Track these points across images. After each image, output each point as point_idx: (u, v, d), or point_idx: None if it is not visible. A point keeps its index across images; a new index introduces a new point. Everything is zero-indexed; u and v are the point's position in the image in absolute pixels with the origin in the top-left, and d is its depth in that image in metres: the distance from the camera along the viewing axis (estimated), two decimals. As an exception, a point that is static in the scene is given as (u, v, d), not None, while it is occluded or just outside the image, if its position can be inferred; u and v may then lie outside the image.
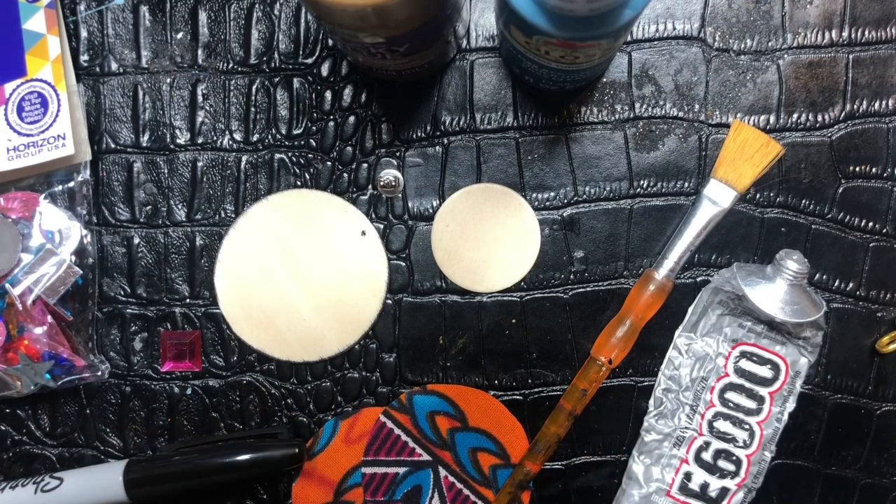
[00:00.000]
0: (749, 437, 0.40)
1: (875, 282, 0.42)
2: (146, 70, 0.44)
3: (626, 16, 0.32)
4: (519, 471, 0.41)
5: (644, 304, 0.40)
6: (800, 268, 0.39)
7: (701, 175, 0.42)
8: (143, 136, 0.44)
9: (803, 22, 0.42)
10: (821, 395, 0.42)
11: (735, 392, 0.41)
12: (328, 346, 0.43)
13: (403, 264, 0.43)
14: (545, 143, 0.43)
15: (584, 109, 0.43)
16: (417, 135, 0.43)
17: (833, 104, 0.42)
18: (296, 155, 0.43)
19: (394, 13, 0.32)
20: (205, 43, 0.44)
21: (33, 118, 0.42)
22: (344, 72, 0.43)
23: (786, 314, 0.38)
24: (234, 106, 0.44)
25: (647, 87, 0.42)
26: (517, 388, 0.43)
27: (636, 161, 0.42)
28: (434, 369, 0.43)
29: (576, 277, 0.42)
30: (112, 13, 0.44)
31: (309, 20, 0.44)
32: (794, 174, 0.42)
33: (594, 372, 0.40)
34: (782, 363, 0.41)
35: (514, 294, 0.43)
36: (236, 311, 0.43)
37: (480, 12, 0.43)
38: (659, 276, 0.41)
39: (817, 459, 0.42)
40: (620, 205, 0.42)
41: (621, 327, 0.40)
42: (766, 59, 0.42)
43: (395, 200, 0.43)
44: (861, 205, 0.42)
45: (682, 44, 0.42)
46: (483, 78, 0.43)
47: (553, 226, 0.43)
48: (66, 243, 0.43)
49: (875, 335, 0.42)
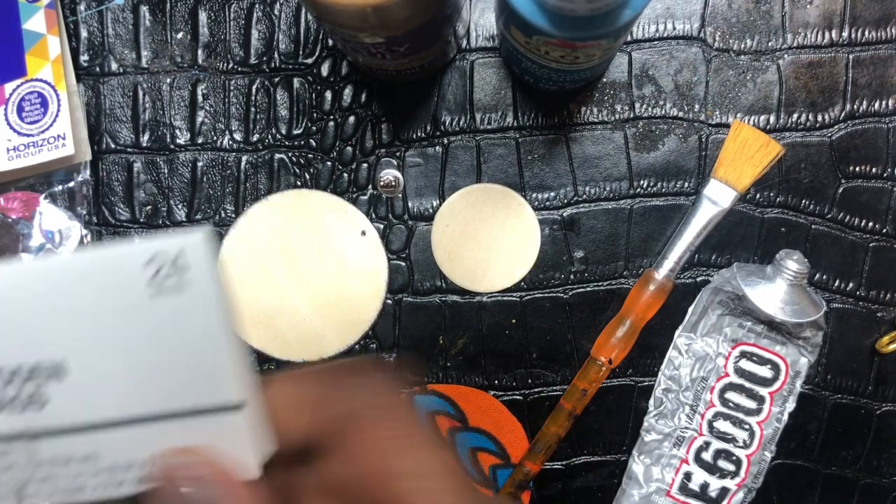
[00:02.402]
0: (749, 437, 0.40)
1: (875, 282, 0.42)
2: (146, 70, 0.44)
3: (626, 16, 0.32)
4: (519, 471, 0.41)
5: (644, 304, 0.40)
6: (800, 268, 0.39)
7: (701, 175, 0.42)
8: (143, 136, 0.44)
9: (803, 22, 0.42)
10: (821, 395, 0.42)
11: (735, 392, 0.41)
12: (328, 346, 0.43)
13: (403, 264, 0.43)
14: (545, 143, 0.43)
15: (584, 109, 0.42)
16: (417, 135, 0.43)
17: (833, 104, 0.42)
18: (296, 155, 0.43)
19: (394, 13, 0.32)
20: (205, 43, 0.44)
21: (33, 118, 0.42)
22: (344, 72, 0.43)
23: (786, 314, 0.38)
24: (234, 106, 0.44)
25: (647, 87, 0.42)
26: (517, 388, 0.43)
27: (636, 161, 0.42)
28: (434, 369, 0.43)
29: (576, 277, 0.42)
30: (112, 13, 0.44)
31: (309, 20, 0.44)
32: (794, 174, 0.42)
33: (594, 372, 0.40)
34: (782, 363, 0.41)
35: (514, 294, 0.43)
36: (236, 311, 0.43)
37: (480, 12, 0.43)
38: (659, 276, 0.41)
39: (817, 459, 0.42)
40: (620, 205, 0.42)
41: (621, 327, 0.40)
42: (766, 59, 0.42)
43: (395, 200, 0.43)
44: (861, 205, 0.42)
45: (682, 44, 0.42)
46: (483, 78, 0.43)
47: (553, 226, 0.43)
48: (66, 243, 0.43)
49: (875, 335, 0.42)
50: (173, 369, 0.20)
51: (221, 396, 0.20)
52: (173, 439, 0.20)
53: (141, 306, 0.20)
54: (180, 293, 0.20)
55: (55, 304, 0.20)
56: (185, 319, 0.20)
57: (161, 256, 0.20)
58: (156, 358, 0.20)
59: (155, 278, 0.20)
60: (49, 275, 0.20)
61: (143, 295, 0.20)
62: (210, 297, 0.20)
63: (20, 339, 0.20)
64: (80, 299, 0.20)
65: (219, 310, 0.20)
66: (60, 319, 0.20)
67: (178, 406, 0.20)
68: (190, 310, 0.20)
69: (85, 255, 0.20)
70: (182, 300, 0.20)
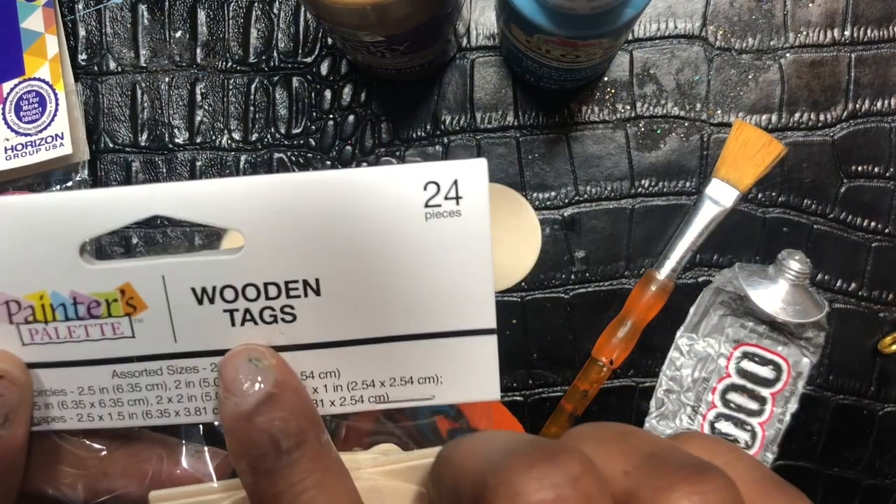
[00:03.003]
0: (751, 438, 0.40)
1: (877, 282, 0.42)
2: (145, 69, 0.44)
3: (627, 14, 0.31)
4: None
5: (645, 305, 0.40)
6: (802, 268, 0.38)
7: (702, 174, 0.42)
8: (141, 136, 0.44)
9: (805, 21, 0.42)
10: (823, 395, 0.42)
11: (737, 393, 0.40)
12: None
13: (403, 264, 0.43)
14: (546, 143, 0.42)
15: (585, 108, 0.42)
16: (417, 134, 0.43)
17: (835, 103, 0.42)
18: (295, 154, 0.43)
19: (393, 12, 0.31)
20: (203, 42, 0.44)
21: (31, 117, 0.42)
22: (343, 71, 0.43)
23: (788, 315, 0.38)
24: (233, 105, 0.43)
25: (648, 86, 0.42)
26: (518, 388, 0.42)
27: (637, 160, 0.42)
28: (434, 370, 0.43)
29: (577, 277, 0.42)
30: (110, 12, 0.44)
31: (308, 19, 0.43)
32: (796, 174, 0.42)
33: (595, 373, 0.40)
34: (784, 364, 0.40)
35: (515, 294, 0.42)
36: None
37: (481, 11, 0.43)
38: (660, 277, 0.40)
39: (819, 461, 0.42)
40: (622, 204, 0.42)
41: (622, 328, 0.40)
42: (767, 58, 0.42)
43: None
44: (863, 204, 0.42)
45: (683, 42, 0.42)
46: (483, 77, 0.43)
47: (554, 225, 0.42)
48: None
49: (877, 336, 0.42)
50: (436, 292, 0.20)
51: (480, 321, 0.21)
52: (423, 356, 0.21)
53: (415, 227, 0.20)
54: (456, 217, 0.20)
55: (324, 218, 0.20)
56: (458, 244, 0.20)
57: (442, 179, 0.20)
58: (420, 279, 0.20)
59: (433, 200, 0.20)
60: (323, 186, 0.20)
61: (419, 215, 0.20)
62: (484, 223, 0.20)
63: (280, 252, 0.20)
64: (351, 214, 0.20)
65: (488, 238, 0.20)
66: (325, 234, 0.20)
67: (436, 327, 0.21)
68: (463, 234, 0.20)
69: (365, 170, 0.20)
70: (457, 224, 0.20)
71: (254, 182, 0.20)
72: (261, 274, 0.20)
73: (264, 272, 0.20)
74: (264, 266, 0.20)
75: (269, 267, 0.20)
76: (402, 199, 0.20)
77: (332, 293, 0.20)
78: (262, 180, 0.20)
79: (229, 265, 0.20)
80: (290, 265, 0.20)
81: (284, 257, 0.20)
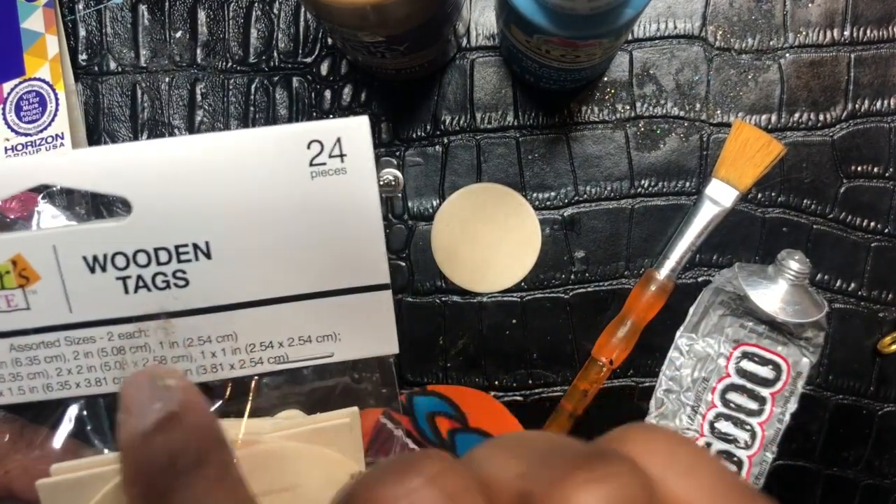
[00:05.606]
0: (750, 437, 0.40)
1: (877, 282, 0.42)
2: (145, 69, 0.44)
3: (627, 15, 0.31)
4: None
5: (645, 305, 0.40)
6: (801, 268, 0.38)
7: (702, 175, 0.42)
8: (141, 136, 0.44)
9: (805, 21, 0.42)
10: (822, 395, 0.42)
11: (736, 393, 0.40)
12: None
13: (403, 264, 0.43)
14: (546, 143, 0.42)
15: (584, 109, 0.42)
16: (417, 134, 0.43)
17: (835, 103, 0.42)
18: (295, 154, 0.43)
19: (393, 12, 0.31)
20: (204, 42, 0.44)
21: (31, 117, 0.42)
22: (343, 71, 0.43)
23: (787, 314, 0.38)
24: (233, 105, 0.43)
25: (648, 87, 0.42)
26: (517, 388, 0.42)
27: (637, 160, 0.42)
28: (434, 370, 0.43)
29: (576, 277, 0.42)
30: (111, 12, 0.44)
31: (308, 19, 0.43)
32: (796, 174, 0.42)
33: (595, 372, 0.40)
34: (784, 364, 0.40)
35: (515, 294, 0.42)
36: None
37: (481, 11, 0.43)
38: (660, 277, 0.40)
39: (819, 460, 0.42)
40: (621, 204, 0.42)
41: (622, 328, 0.40)
42: (767, 58, 0.42)
43: (395, 200, 0.43)
44: (863, 205, 0.42)
45: (683, 43, 0.42)
46: (483, 77, 0.43)
47: (554, 225, 0.42)
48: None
49: (877, 336, 0.42)
50: (327, 250, 0.20)
51: (373, 277, 0.21)
52: (320, 315, 0.21)
53: (302, 186, 0.20)
54: (341, 175, 0.20)
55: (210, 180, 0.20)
56: (345, 201, 0.20)
57: (325, 137, 0.20)
58: (310, 238, 0.20)
59: (318, 158, 0.20)
60: (207, 149, 0.20)
61: (304, 174, 0.20)
62: (370, 180, 0.20)
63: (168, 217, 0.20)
64: (237, 176, 0.20)
65: (375, 194, 0.20)
66: (212, 197, 0.20)
67: (330, 285, 0.21)
68: (350, 192, 0.20)
69: (247, 131, 0.20)
70: (343, 182, 0.20)
71: (138, 147, 0.20)
72: (150, 239, 0.20)
73: (154, 237, 0.20)
74: (153, 231, 0.20)
75: (159, 232, 0.20)
76: (287, 158, 0.20)
77: (223, 256, 0.20)
78: (145, 145, 0.20)
79: (119, 232, 0.20)
80: (178, 229, 0.20)
81: (173, 222, 0.20)
